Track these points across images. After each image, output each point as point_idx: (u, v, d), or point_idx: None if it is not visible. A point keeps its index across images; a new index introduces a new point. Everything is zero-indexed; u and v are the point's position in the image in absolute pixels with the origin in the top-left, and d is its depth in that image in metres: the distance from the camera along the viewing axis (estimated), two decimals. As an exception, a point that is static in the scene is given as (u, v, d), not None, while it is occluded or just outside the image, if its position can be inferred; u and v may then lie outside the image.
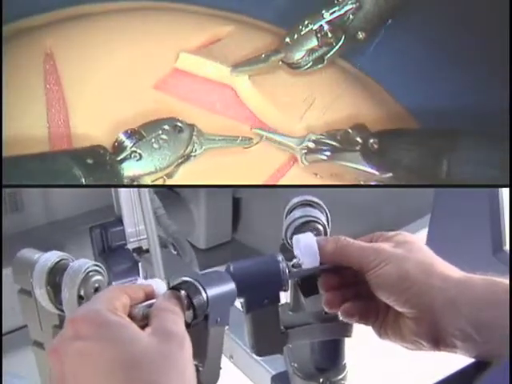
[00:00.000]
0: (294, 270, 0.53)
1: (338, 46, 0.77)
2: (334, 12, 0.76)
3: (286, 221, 0.60)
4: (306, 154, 0.73)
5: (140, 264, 1.15)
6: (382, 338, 0.55)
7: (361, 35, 0.77)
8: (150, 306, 0.47)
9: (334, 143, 0.72)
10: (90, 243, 1.20)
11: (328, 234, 0.60)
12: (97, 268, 0.56)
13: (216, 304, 0.49)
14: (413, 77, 0.80)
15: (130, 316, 0.46)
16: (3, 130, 0.70)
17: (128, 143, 0.67)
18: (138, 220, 1.11)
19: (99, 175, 0.64)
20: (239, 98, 0.78)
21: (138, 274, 1.18)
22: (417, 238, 0.54)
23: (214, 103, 0.77)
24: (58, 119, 0.73)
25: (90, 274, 0.55)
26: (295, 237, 0.54)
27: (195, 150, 0.69)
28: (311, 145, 0.73)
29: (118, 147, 0.67)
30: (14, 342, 0.98)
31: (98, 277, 0.55)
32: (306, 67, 0.78)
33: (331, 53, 0.78)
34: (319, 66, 0.78)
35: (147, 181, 0.67)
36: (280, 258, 0.53)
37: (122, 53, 0.78)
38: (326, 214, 0.60)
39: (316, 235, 0.54)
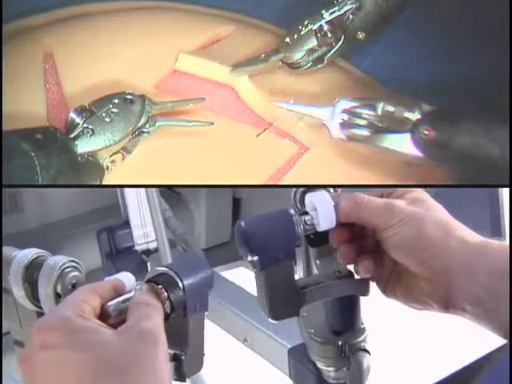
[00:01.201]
0: (309, 227, 0.51)
1: (337, 46, 0.77)
2: (334, 12, 0.76)
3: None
4: (340, 125, 0.69)
5: (149, 264, 1.15)
6: (388, 296, 0.54)
7: (361, 35, 0.77)
8: (125, 300, 0.46)
9: (373, 118, 0.68)
10: (89, 244, 1.20)
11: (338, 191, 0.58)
12: (73, 264, 0.54)
13: (194, 292, 0.48)
14: (413, 76, 0.80)
15: (103, 315, 0.45)
16: (3, 130, 0.70)
17: (79, 120, 0.67)
18: (145, 222, 1.11)
19: (50, 150, 0.63)
20: (239, 98, 0.78)
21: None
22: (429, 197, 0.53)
23: (214, 103, 0.77)
24: (58, 119, 0.73)
25: (67, 270, 0.54)
26: (308, 195, 0.52)
27: (149, 126, 0.69)
28: (345, 117, 0.70)
29: (70, 125, 0.67)
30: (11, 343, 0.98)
31: (75, 273, 0.54)
32: (306, 67, 0.78)
33: (331, 53, 0.78)
34: (319, 66, 0.78)
35: (104, 155, 0.67)
36: (292, 211, 0.51)
37: (122, 52, 0.78)
38: None
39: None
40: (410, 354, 0.99)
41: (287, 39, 0.77)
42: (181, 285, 0.47)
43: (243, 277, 1.16)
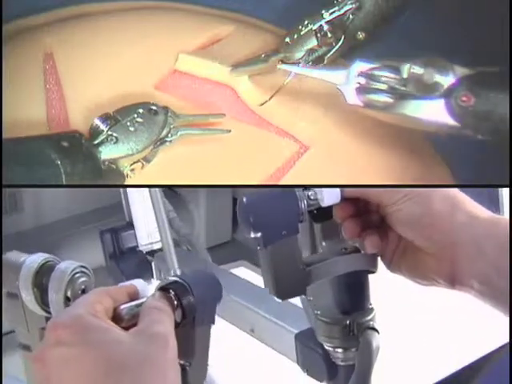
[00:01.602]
0: (313, 202, 0.50)
1: (337, 46, 0.77)
2: (334, 12, 0.76)
3: None
4: (357, 90, 0.63)
5: (153, 264, 1.15)
6: (393, 272, 0.53)
7: (361, 35, 0.77)
8: (138, 305, 0.47)
9: (396, 82, 0.62)
10: (90, 244, 1.20)
11: None
12: (83, 269, 0.55)
13: (203, 303, 0.48)
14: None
15: (115, 317, 0.46)
16: (3, 130, 0.70)
17: (103, 127, 0.67)
18: (149, 223, 1.11)
19: (75, 158, 0.64)
20: (239, 98, 0.78)
21: (152, 276, 1.18)
22: None
23: (214, 103, 0.77)
24: (58, 119, 0.73)
25: (76, 275, 0.55)
26: None
27: (171, 135, 0.69)
28: (362, 80, 0.64)
29: (94, 132, 0.68)
30: (13, 343, 0.98)
31: (85, 278, 0.55)
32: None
33: (331, 53, 0.78)
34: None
35: (125, 164, 0.68)
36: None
37: (123, 52, 0.78)
38: None
39: None
40: (409, 354, 0.99)
41: (287, 39, 0.77)
42: (192, 294, 0.48)
43: (244, 276, 1.16)
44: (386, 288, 0.54)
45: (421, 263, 0.51)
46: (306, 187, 0.57)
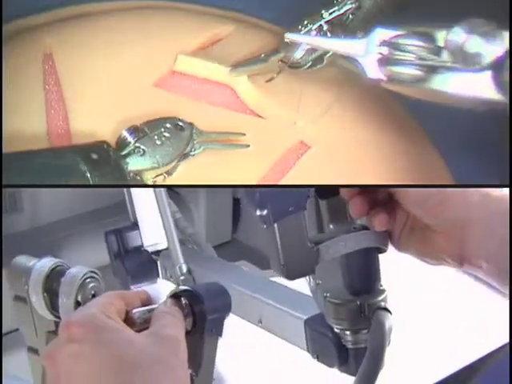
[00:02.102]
0: None
1: (337, 46, 0.77)
2: (334, 12, 0.76)
3: None
4: (378, 61, 0.55)
5: (159, 263, 1.15)
6: (401, 251, 0.52)
7: (360, 35, 0.77)
8: (150, 310, 0.48)
9: (428, 52, 0.52)
10: (90, 244, 1.20)
11: None
12: (93, 274, 0.56)
13: (213, 313, 0.49)
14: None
15: (127, 320, 0.47)
16: (3, 130, 0.70)
17: (131, 139, 0.69)
18: (153, 223, 1.11)
19: (104, 170, 0.65)
20: (239, 98, 0.78)
21: (158, 275, 1.18)
22: None
23: (213, 103, 0.77)
24: (57, 120, 0.73)
25: (87, 280, 0.56)
26: None
27: (194, 150, 0.71)
28: (385, 50, 0.56)
29: (122, 143, 0.69)
30: (13, 343, 0.98)
31: (95, 283, 0.56)
32: (306, 67, 0.78)
33: (331, 53, 0.78)
34: (319, 66, 0.78)
35: (148, 176, 0.69)
36: None
37: (122, 52, 0.78)
38: None
39: None
40: (409, 354, 0.99)
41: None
42: (203, 303, 0.49)
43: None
44: (385, 286, 0.53)
45: (429, 242, 0.50)
46: (306, 187, 0.57)
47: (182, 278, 1.10)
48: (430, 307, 1.01)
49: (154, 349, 0.43)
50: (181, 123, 0.70)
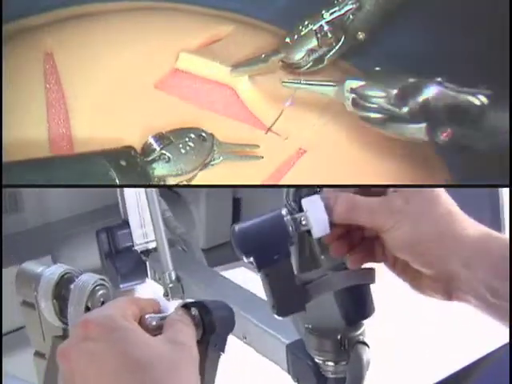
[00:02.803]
0: (303, 227, 0.51)
1: (337, 47, 0.77)
2: (334, 12, 0.76)
3: None
4: (352, 103, 0.66)
5: (148, 264, 1.15)
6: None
7: (361, 35, 0.77)
8: (162, 318, 0.48)
9: (385, 101, 0.63)
10: (89, 244, 1.20)
11: None
12: (102, 282, 0.57)
13: (219, 328, 0.50)
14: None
15: (140, 325, 0.47)
16: (3, 130, 0.70)
17: (157, 146, 0.70)
18: (144, 221, 1.11)
19: (131, 176, 0.67)
20: (239, 98, 0.78)
21: (147, 275, 1.18)
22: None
23: (213, 103, 0.77)
24: (58, 119, 0.73)
25: (97, 288, 0.56)
26: (302, 201, 0.51)
27: (214, 160, 0.72)
28: (355, 97, 0.67)
29: (147, 149, 0.70)
30: (13, 343, 0.98)
31: (104, 291, 0.57)
32: (306, 67, 0.78)
33: (331, 53, 0.78)
34: (319, 66, 0.78)
35: (172, 182, 0.72)
36: (284, 211, 0.51)
37: (123, 53, 0.78)
38: None
39: (319, 192, 0.53)
40: (409, 354, 0.99)
41: (287, 39, 0.77)
42: (212, 315, 0.49)
43: (244, 277, 1.16)
44: (385, 286, 0.54)
45: (419, 281, 0.52)
46: (305, 187, 0.57)
47: (170, 285, 1.11)
48: (431, 307, 1.01)
49: (169, 353, 0.44)
50: (204, 134, 0.72)
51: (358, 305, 0.55)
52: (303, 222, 0.51)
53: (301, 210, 0.52)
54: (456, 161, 0.77)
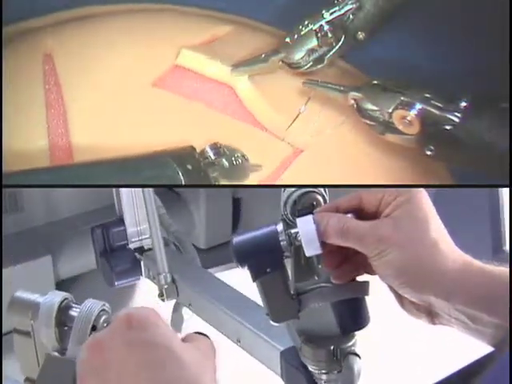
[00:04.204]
0: (297, 243, 0.54)
1: (338, 47, 0.77)
2: (334, 12, 0.76)
3: (283, 195, 0.59)
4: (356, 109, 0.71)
5: (142, 263, 1.16)
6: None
7: (361, 35, 0.77)
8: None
9: (381, 118, 0.69)
10: (89, 243, 1.20)
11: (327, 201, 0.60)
12: (104, 307, 0.58)
13: None
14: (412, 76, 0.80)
15: None
16: (3, 130, 0.70)
17: (212, 154, 0.72)
18: (139, 219, 1.12)
19: (195, 179, 0.70)
20: (238, 97, 0.78)
21: (141, 274, 1.19)
22: (420, 201, 0.53)
23: (213, 102, 0.77)
24: (57, 119, 0.73)
25: (100, 313, 0.57)
26: (297, 220, 0.53)
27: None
28: (356, 106, 0.72)
29: (203, 155, 0.72)
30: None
31: (106, 316, 0.58)
32: (306, 67, 0.78)
33: (331, 53, 0.78)
34: (319, 66, 0.78)
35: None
36: (280, 227, 0.54)
37: (122, 55, 0.78)
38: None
39: (316, 206, 0.56)
40: (409, 353, 0.99)
41: (287, 39, 0.77)
42: None
43: (244, 277, 1.16)
44: (384, 286, 0.54)
45: (404, 304, 0.54)
46: (305, 187, 0.58)
47: (165, 287, 1.12)
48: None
49: (200, 358, 0.46)
50: (246, 156, 0.74)
51: (353, 315, 0.57)
52: (298, 238, 0.54)
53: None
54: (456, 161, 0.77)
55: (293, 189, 0.59)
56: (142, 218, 1.10)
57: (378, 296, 0.55)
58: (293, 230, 0.53)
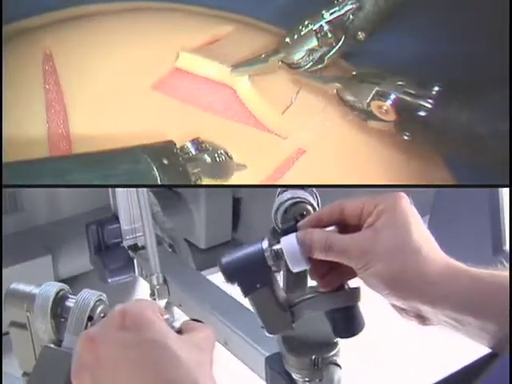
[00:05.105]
0: (284, 258, 0.55)
1: (338, 47, 0.77)
2: (334, 12, 0.76)
3: (275, 203, 0.60)
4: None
5: (135, 261, 1.16)
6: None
7: (361, 35, 0.77)
8: (176, 322, 0.50)
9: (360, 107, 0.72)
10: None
11: None
12: (101, 297, 0.58)
13: None
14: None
15: None
16: (3, 131, 0.70)
17: (193, 150, 0.72)
18: (134, 217, 1.12)
19: (172, 175, 0.69)
20: (239, 98, 0.78)
21: (134, 271, 1.19)
22: (400, 207, 0.53)
23: (213, 103, 0.77)
24: (57, 119, 0.73)
25: (97, 303, 0.57)
26: (281, 240, 0.55)
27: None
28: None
29: (183, 151, 0.72)
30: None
31: (103, 306, 0.58)
32: (306, 67, 0.78)
33: (331, 53, 0.78)
34: (319, 66, 0.78)
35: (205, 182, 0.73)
36: (265, 245, 0.55)
37: (122, 53, 0.78)
38: (316, 195, 0.60)
39: (305, 215, 0.57)
40: (409, 353, 0.99)
41: (287, 39, 0.77)
42: None
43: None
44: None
45: (395, 307, 0.54)
46: (305, 187, 0.58)
47: (157, 287, 1.12)
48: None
49: (196, 353, 0.46)
50: (229, 154, 0.73)
51: (347, 321, 0.57)
52: (284, 255, 0.55)
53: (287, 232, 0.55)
54: (456, 161, 0.77)
55: (284, 198, 0.60)
56: (137, 215, 1.10)
57: (374, 297, 0.55)
58: (278, 247, 0.54)
